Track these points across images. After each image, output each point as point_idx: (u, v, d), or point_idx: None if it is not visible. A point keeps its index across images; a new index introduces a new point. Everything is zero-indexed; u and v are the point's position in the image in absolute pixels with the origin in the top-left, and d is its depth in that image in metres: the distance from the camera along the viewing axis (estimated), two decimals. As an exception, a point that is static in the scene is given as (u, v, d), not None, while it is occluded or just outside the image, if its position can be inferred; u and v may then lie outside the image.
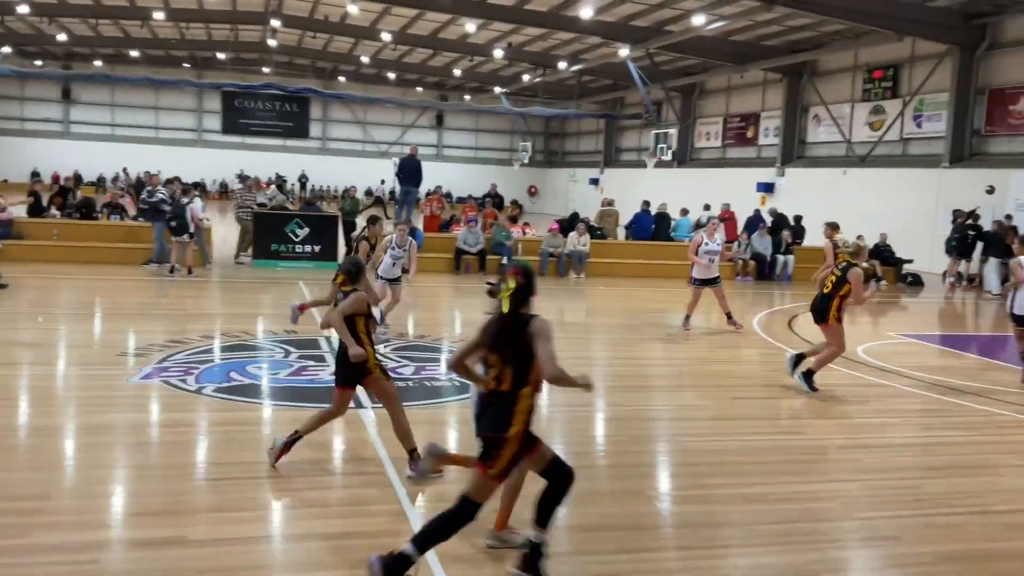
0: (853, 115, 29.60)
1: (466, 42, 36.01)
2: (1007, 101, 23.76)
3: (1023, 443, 7.93)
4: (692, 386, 9.67)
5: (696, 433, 7.78)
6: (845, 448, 7.39)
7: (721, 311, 13.66)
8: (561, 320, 14.35)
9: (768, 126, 34.23)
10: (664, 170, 36.77)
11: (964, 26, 24.21)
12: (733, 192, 31.14)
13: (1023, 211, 21.80)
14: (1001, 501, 6.23)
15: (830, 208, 27.71)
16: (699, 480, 6.47)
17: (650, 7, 27.24)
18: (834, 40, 29.15)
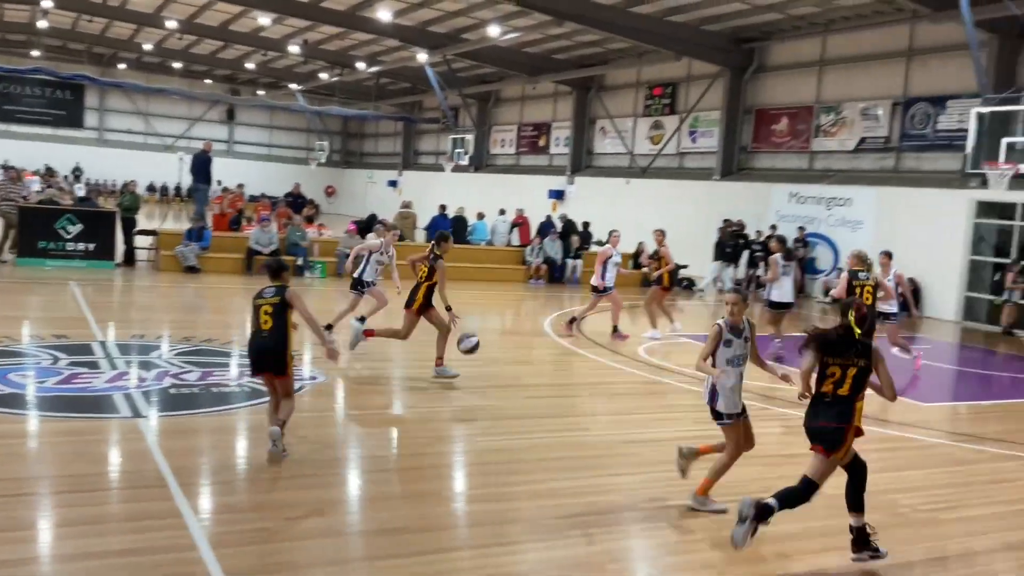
0: (636, 129, 31.33)
1: (259, 36, 34.83)
2: (770, 121, 26.02)
3: (784, 433, 8.71)
4: (486, 387, 9.87)
5: (488, 433, 7.96)
6: (627, 443, 7.82)
7: (577, 317, 14.14)
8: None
9: (559, 136, 35.55)
10: (461, 174, 37.29)
11: (734, 50, 26.26)
12: (527, 198, 32.07)
13: (784, 221, 23.93)
14: (761, 488, 6.77)
15: (615, 216, 29.19)
16: (491, 479, 6.64)
17: (447, 14, 27.56)
18: (619, 57, 30.73)
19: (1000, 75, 18.84)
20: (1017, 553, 5.89)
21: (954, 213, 19.79)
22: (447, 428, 8.15)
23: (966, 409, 10.96)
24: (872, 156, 23.05)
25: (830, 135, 24.13)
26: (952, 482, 7.42)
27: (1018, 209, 18.78)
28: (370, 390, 9.45)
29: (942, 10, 18.49)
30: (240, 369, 9.64)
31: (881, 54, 22.63)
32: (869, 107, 22.95)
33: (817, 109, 24.45)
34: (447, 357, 9.78)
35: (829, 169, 24.15)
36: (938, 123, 21.14)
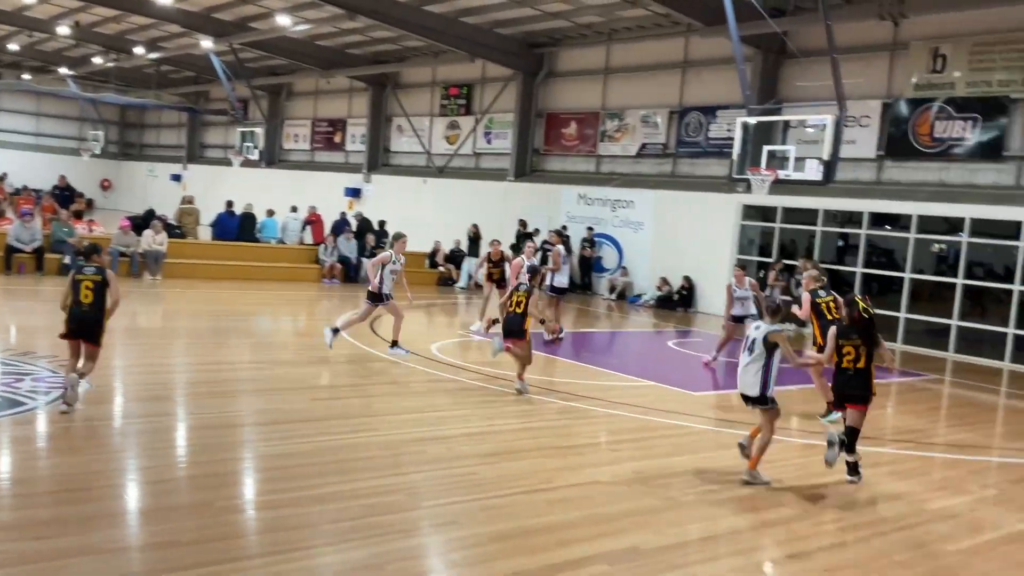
0: (432, 128, 31.45)
1: (24, 15, 31.88)
2: (560, 124, 26.92)
3: (566, 426, 9.02)
4: (272, 390, 9.55)
5: (273, 438, 7.70)
6: (413, 441, 7.81)
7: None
8: (134, 325, 13.33)
9: (355, 132, 35.07)
10: (251, 170, 35.88)
11: (526, 54, 26.95)
12: (322, 195, 31.40)
13: (574, 222, 24.85)
14: (544, 480, 7.02)
15: (412, 215, 29.23)
16: (275, 485, 6.42)
17: (234, 1, 26.45)
18: (415, 56, 30.73)
19: (763, 87, 20.50)
20: (779, 528, 6.40)
21: (724, 215, 21.34)
22: (230, 434, 7.80)
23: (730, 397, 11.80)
24: (652, 161, 24.40)
25: (614, 140, 25.30)
26: (718, 467, 7.95)
27: (778, 212, 20.52)
28: (146, 396, 8.89)
29: (712, 25, 19.83)
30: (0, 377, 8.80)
31: (660, 65, 23.99)
32: (649, 115, 24.27)
33: (603, 115, 25.56)
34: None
35: (614, 173, 25.33)
36: (710, 131, 22.70)
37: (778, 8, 18.74)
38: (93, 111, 46.04)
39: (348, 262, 21.92)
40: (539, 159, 27.66)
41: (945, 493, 7.71)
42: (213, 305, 16.43)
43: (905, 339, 18.18)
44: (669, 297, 21.69)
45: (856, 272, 19.17)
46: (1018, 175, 17.46)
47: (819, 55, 17.91)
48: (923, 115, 18.60)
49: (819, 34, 16.51)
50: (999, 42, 17.49)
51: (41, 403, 8.00)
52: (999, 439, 10.63)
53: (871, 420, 8.10)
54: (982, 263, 18.06)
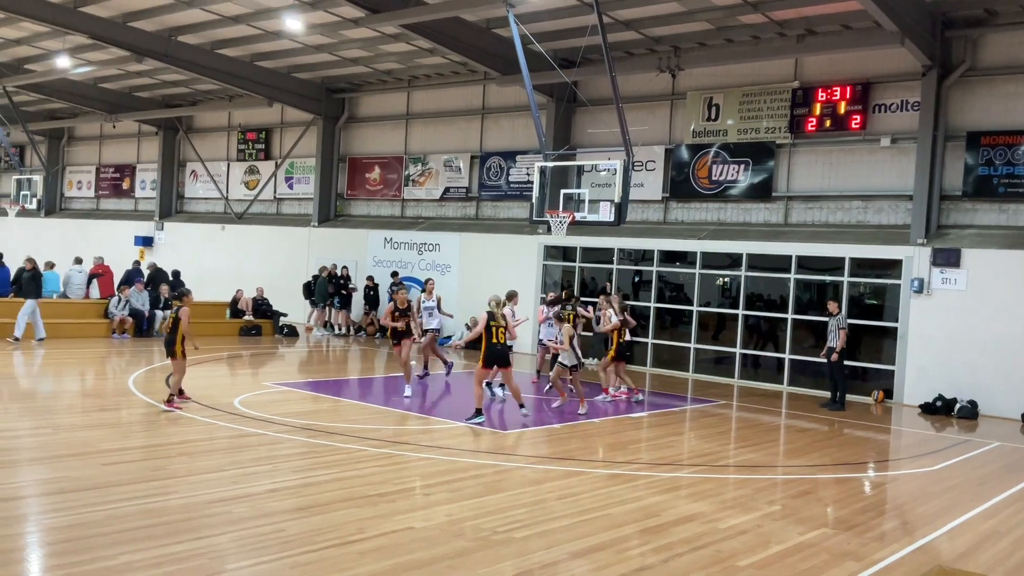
0: (230, 173, 30.49)
1: None
2: (364, 169, 26.87)
3: (377, 473, 8.92)
4: (56, 457, 8.84)
5: (58, 508, 7.12)
6: (217, 502, 7.47)
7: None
8: None
9: (145, 178, 33.39)
10: (29, 219, 33.33)
11: (326, 99, 26.78)
12: (111, 245, 29.61)
13: (381, 266, 24.77)
14: (356, 531, 6.91)
15: (210, 263, 28.15)
16: (59, 560, 5.93)
17: (7, 42, 24.61)
18: (208, 99, 29.78)
19: (558, 133, 21.44)
20: (586, 558, 6.61)
21: (527, 256, 22.01)
22: (12, 508, 7.13)
23: (539, 433, 12.12)
24: (456, 204, 24.82)
25: (419, 184, 25.54)
26: (526, 502, 8.13)
27: (577, 252, 21.41)
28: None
29: (508, 74, 20.58)
30: None
31: (460, 111, 24.55)
32: (451, 159, 24.72)
33: (406, 159, 25.77)
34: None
35: (419, 216, 25.53)
36: (510, 175, 23.42)
37: (568, 59, 19.73)
38: None
39: (140, 315, 20.72)
40: (344, 204, 27.45)
41: (736, 511, 8.26)
42: (-15, 368, 15.03)
43: (696, 368, 19.40)
44: (477, 338, 21.99)
45: (650, 306, 20.29)
46: (786, 213, 19.19)
47: (607, 104, 18.95)
48: (702, 159, 20.10)
49: (606, 84, 17.51)
50: (763, 92, 19.26)
51: None
52: (782, 457, 11.53)
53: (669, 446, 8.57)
54: (760, 295, 19.63)
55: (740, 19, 17.89)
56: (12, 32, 23.64)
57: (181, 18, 21.24)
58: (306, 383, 15.50)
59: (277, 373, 17.07)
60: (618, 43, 19.46)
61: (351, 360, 20.08)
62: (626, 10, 17.86)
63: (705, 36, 19.11)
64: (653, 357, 20.08)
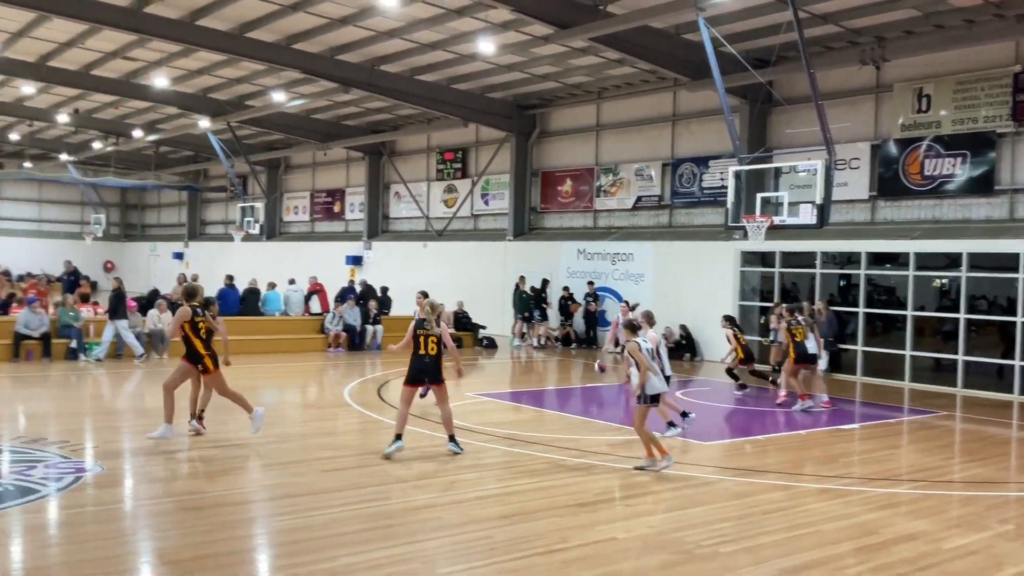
0: (430, 193, 31.84)
1: (24, 105, 32.54)
2: (556, 182, 27.26)
3: (578, 483, 9.00)
4: (281, 464, 9.55)
5: (284, 512, 7.69)
6: (427, 508, 7.80)
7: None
8: (143, 406, 13.37)
9: (354, 201, 35.48)
10: (253, 244, 36.27)
11: (518, 116, 27.42)
12: (324, 265, 31.64)
13: (575, 277, 25.00)
14: (560, 540, 7.00)
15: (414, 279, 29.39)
16: (289, 560, 6.40)
17: (229, 81, 26.99)
18: (409, 123, 31.26)
19: (753, 136, 20.81)
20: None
21: (722, 263, 21.47)
22: (242, 511, 7.80)
23: (742, 444, 11.77)
24: (648, 213, 24.64)
25: (610, 194, 25.58)
26: (731, 515, 7.92)
27: (776, 257, 20.65)
28: (155, 477, 8.90)
29: (699, 79, 20.22)
30: (10, 465, 8.82)
31: (650, 119, 24.39)
32: (642, 168, 24.59)
33: (597, 170, 25.90)
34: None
35: (611, 226, 25.56)
36: (703, 181, 22.97)
37: (761, 59, 19.13)
38: (94, 195, 46.75)
39: (353, 330, 22.01)
40: (537, 217, 27.93)
41: (963, 530, 7.66)
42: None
43: (912, 376, 18.15)
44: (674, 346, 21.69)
45: (858, 311, 19.21)
46: (1011, 208, 17.63)
47: (805, 102, 18.21)
48: (912, 154, 18.84)
49: (803, 82, 16.84)
50: (979, 79, 17.81)
51: (53, 490, 8.02)
52: (1015, 473, 10.58)
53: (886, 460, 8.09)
54: (984, 296, 18.12)
55: (951, 2, 16.66)
56: (234, 72, 25.88)
57: (383, 48, 22.45)
58: (507, 394, 15.88)
59: (479, 384, 17.58)
60: (815, 38, 18.64)
61: (549, 371, 20.36)
62: (823, 3, 17.08)
63: (911, 24, 17.93)
64: (864, 365, 18.98)
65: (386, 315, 23.73)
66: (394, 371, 17.76)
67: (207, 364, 10.35)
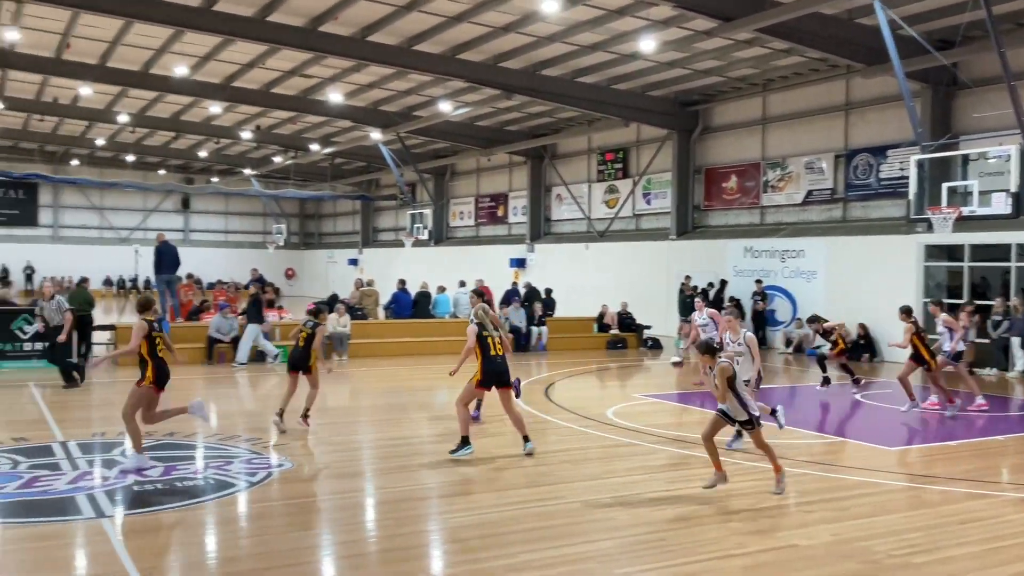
0: (591, 194, 31.87)
1: (211, 124, 35.10)
2: (720, 179, 26.63)
3: (754, 487, 8.74)
4: (457, 462, 9.80)
5: (463, 508, 7.89)
6: (600, 508, 7.80)
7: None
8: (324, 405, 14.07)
9: (516, 205, 36.02)
10: (422, 249, 37.52)
11: (680, 113, 27.00)
12: (489, 268, 32.29)
13: (742, 276, 24.33)
14: (736, 545, 6.82)
15: (576, 280, 29.46)
16: (469, 555, 6.56)
17: (398, 93, 28.05)
18: (570, 125, 31.41)
19: (936, 122, 19.56)
20: (991, 592, 5.93)
21: (904, 258, 20.29)
22: (419, 507, 8.07)
23: (931, 450, 11.08)
24: (820, 207, 23.65)
25: (778, 190, 24.74)
26: (923, 525, 7.47)
27: (965, 250, 19.31)
28: (339, 473, 9.34)
29: (874, 64, 19.22)
30: (205, 461, 9.50)
31: (820, 109, 23.41)
32: (813, 160, 23.63)
33: (764, 165, 25.11)
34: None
35: (780, 223, 24.70)
36: (880, 172, 21.81)
37: (945, 40, 17.96)
38: (275, 206, 49.75)
39: (519, 331, 22.32)
40: (700, 215, 27.40)
41: None
42: (394, 382, 17.12)
43: None
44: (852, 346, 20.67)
45: (1061, 308, 17.67)
46: None
47: (995, 83, 16.96)
48: (1122, 134, 17.14)
49: (993, 62, 15.70)
50: None
51: (247, 484, 8.56)
52: None
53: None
54: None
55: None
56: (402, 84, 26.87)
57: (544, 53, 22.68)
58: (673, 395, 15.65)
59: (645, 385, 17.43)
60: (1006, 14, 17.30)
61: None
62: (1014, -24, 15.88)
63: (1118, -10, 16.37)
64: (1067, 366, 17.46)
65: (550, 316, 23.92)
66: (559, 372, 17.89)
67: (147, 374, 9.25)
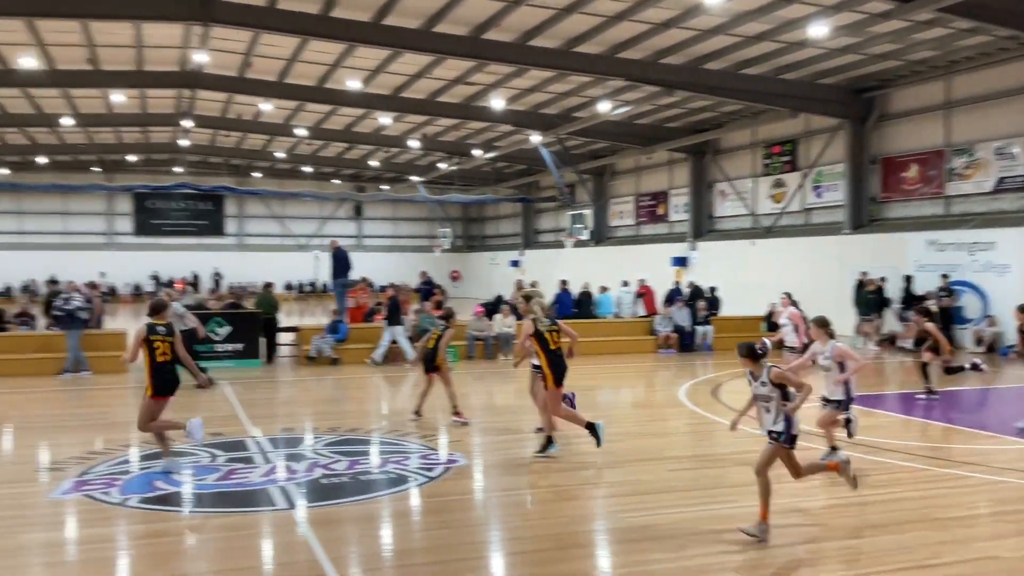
0: (756, 189, 30.90)
1: (381, 134, 36.53)
2: (899, 168, 25.18)
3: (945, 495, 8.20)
4: (625, 462, 9.74)
5: (633, 508, 7.82)
6: (778, 513, 7.51)
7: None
8: (491, 403, 14.36)
9: (678, 203, 35.43)
10: (582, 249, 37.58)
11: (853, 101, 25.72)
12: (650, 267, 31.93)
13: (924, 271, 22.91)
14: (931, 555, 6.42)
15: (742, 278, 28.68)
16: (640, 556, 6.50)
17: (558, 95, 28.21)
18: (733, 119, 30.58)
19: None
20: None
21: (1114, 248, 18.51)
22: (588, 505, 8.07)
23: None
24: (1013, 195, 21.92)
25: (965, 178, 23.14)
26: None
27: None
28: (509, 470, 9.48)
29: (1074, 38, 17.67)
30: (383, 457, 9.87)
31: (1011, 91, 21.72)
32: (1004, 146, 21.94)
33: (948, 152, 23.55)
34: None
35: (967, 213, 23.08)
36: (1086, 155, 19.99)
37: None
38: (441, 211, 51.22)
39: (683, 331, 21.95)
40: (877, 207, 26.01)
41: None
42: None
43: None
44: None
45: None
46: None
47: None
48: None
49: None
50: None
51: (423, 479, 8.82)
52: None
53: None
54: None
55: None
56: (562, 86, 27.00)
57: (705, 47, 22.19)
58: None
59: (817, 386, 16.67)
60: None
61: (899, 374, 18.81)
62: None
63: None
64: None
65: (715, 316, 23.37)
66: (726, 372, 17.44)
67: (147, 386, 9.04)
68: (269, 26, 20.39)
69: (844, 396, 9.32)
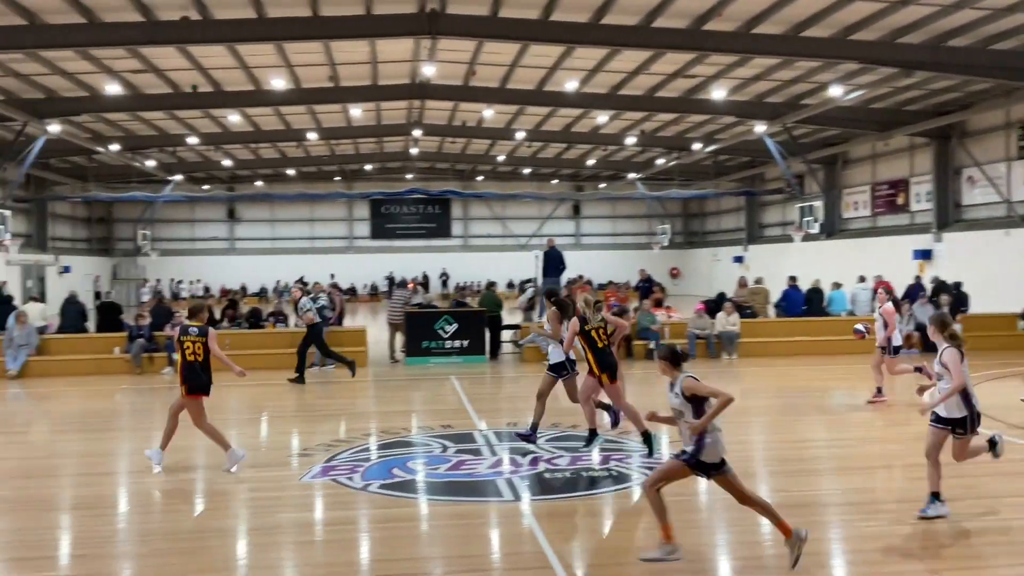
0: (1011, 174, 28.07)
1: (598, 133, 36.70)
2: None
3: None
4: (861, 468, 9.18)
5: (870, 518, 7.36)
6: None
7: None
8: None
9: (919, 191, 32.91)
10: (811, 243, 35.80)
11: None
12: (887, 261, 29.89)
13: None
14: None
15: (993, 272, 26.19)
16: (879, 568, 6.11)
17: (784, 83, 27.04)
18: (982, 99, 27.95)
19: None
20: None
21: None
22: (823, 513, 7.67)
23: None
24: None
25: None
26: None
27: None
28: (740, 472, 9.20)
29: None
30: (603, 455, 9.88)
31: None
32: None
33: None
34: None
35: None
36: None
37: None
38: (659, 207, 50.71)
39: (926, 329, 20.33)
40: None
41: None
42: (788, 381, 16.51)
43: None
44: None
45: None
46: None
47: None
48: None
49: None
50: None
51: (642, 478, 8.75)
52: None
53: None
54: None
55: None
56: (788, 73, 25.84)
57: (949, 22, 20.43)
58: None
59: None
60: None
61: None
62: None
63: None
64: None
65: (963, 312, 21.46)
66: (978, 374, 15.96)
67: (181, 387, 9.21)
68: (492, 34, 21.07)
69: (965, 413, 7.30)
